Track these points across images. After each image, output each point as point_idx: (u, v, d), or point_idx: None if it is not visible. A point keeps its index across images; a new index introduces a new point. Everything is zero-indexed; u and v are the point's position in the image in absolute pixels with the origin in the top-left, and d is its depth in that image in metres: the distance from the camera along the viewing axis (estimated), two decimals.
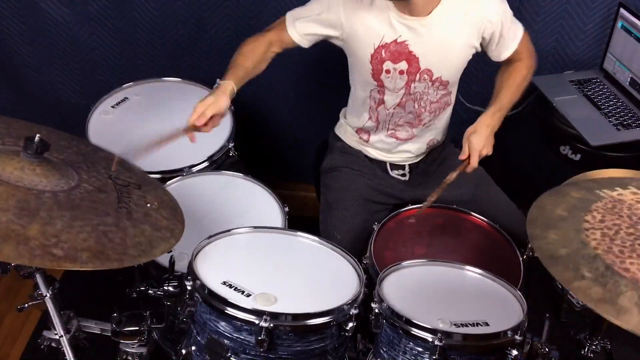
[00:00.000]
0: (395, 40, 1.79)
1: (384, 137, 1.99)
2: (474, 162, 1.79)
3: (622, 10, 2.16)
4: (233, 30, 2.39)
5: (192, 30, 2.41)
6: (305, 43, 1.87)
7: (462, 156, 1.80)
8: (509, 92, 1.89)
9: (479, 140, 1.79)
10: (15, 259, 1.14)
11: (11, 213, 1.19)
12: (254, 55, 1.83)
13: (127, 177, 1.48)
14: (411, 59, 1.81)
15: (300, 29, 1.84)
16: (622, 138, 2.07)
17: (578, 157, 2.11)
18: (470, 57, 1.87)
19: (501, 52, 1.90)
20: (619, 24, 2.18)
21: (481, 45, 1.87)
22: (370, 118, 1.96)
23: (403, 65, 1.82)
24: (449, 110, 2.01)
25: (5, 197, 1.21)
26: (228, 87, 1.72)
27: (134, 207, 1.37)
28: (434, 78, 1.85)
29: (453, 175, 1.78)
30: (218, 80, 1.75)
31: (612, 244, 1.25)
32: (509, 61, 1.92)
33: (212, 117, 1.66)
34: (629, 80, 2.19)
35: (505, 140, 2.51)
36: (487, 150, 1.81)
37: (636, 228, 1.29)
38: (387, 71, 1.83)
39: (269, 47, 1.86)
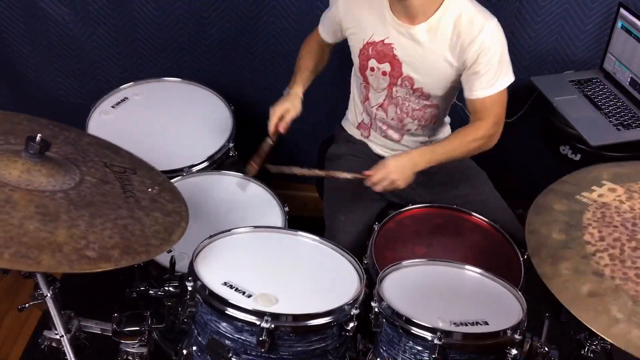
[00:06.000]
0: (383, 41, 1.81)
1: (379, 135, 2.01)
2: (375, 179, 1.75)
3: (622, 10, 2.16)
4: (233, 30, 2.39)
5: (192, 30, 2.41)
6: (329, 39, 1.99)
7: (368, 172, 1.76)
8: (451, 144, 1.80)
9: (396, 166, 1.75)
10: (56, 268, 1.14)
11: (35, 220, 1.18)
12: (311, 56, 2.02)
13: (120, 162, 1.48)
14: (394, 62, 1.82)
15: (325, 25, 1.98)
16: (622, 138, 2.07)
17: (578, 157, 2.12)
18: (455, 77, 1.80)
19: (471, 89, 1.77)
20: (619, 24, 2.18)
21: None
22: (363, 112, 2.00)
23: (386, 67, 1.84)
24: (443, 127, 2.01)
25: (24, 205, 1.20)
26: (298, 92, 1.95)
27: (139, 194, 1.38)
28: (414, 87, 1.85)
29: (344, 175, 1.79)
30: (287, 88, 1.97)
31: (624, 268, 1.22)
32: (474, 114, 1.82)
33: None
34: (629, 80, 2.20)
35: (505, 140, 2.51)
36: (398, 183, 1.75)
37: (636, 239, 1.28)
38: (372, 69, 1.86)
39: (319, 42, 2.02)
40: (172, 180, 1.88)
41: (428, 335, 1.40)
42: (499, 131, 1.83)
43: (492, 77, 1.75)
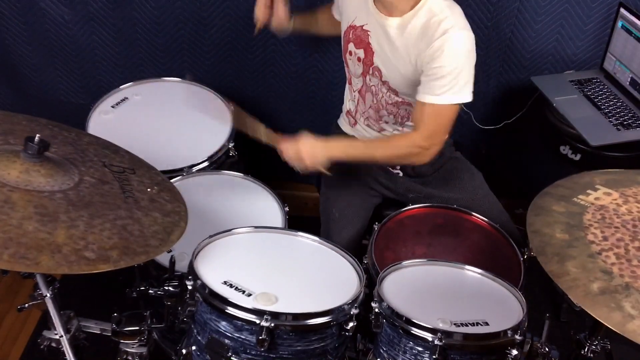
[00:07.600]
0: (362, 26, 1.82)
1: (363, 124, 2.01)
2: (285, 146, 1.75)
3: (622, 10, 2.16)
4: (233, 30, 2.39)
5: (192, 30, 2.41)
6: (335, 14, 2.01)
7: (284, 139, 1.75)
8: (373, 143, 1.82)
9: (309, 143, 1.73)
10: (55, 269, 1.13)
11: (34, 220, 1.18)
12: (314, 12, 2.09)
13: (119, 162, 1.48)
14: (368, 50, 1.83)
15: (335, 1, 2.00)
16: (622, 138, 2.07)
17: (578, 157, 2.12)
18: (416, 78, 1.74)
19: (418, 90, 1.72)
20: (619, 23, 2.18)
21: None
22: (351, 98, 2.01)
23: (361, 53, 1.84)
24: None
25: (23, 205, 1.20)
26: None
27: (138, 194, 1.38)
28: (383, 79, 1.84)
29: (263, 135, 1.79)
30: None
31: (631, 266, 1.23)
32: (413, 120, 1.80)
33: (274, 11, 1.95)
34: (629, 80, 2.20)
35: (505, 140, 2.51)
36: (305, 161, 1.72)
37: (639, 240, 1.29)
38: (350, 53, 1.88)
39: (327, 11, 2.05)
40: (172, 180, 1.88)
41: (428, 336, 1.40)
42: (432, 147, 1.74)
43: (441, 87, 1.67)
